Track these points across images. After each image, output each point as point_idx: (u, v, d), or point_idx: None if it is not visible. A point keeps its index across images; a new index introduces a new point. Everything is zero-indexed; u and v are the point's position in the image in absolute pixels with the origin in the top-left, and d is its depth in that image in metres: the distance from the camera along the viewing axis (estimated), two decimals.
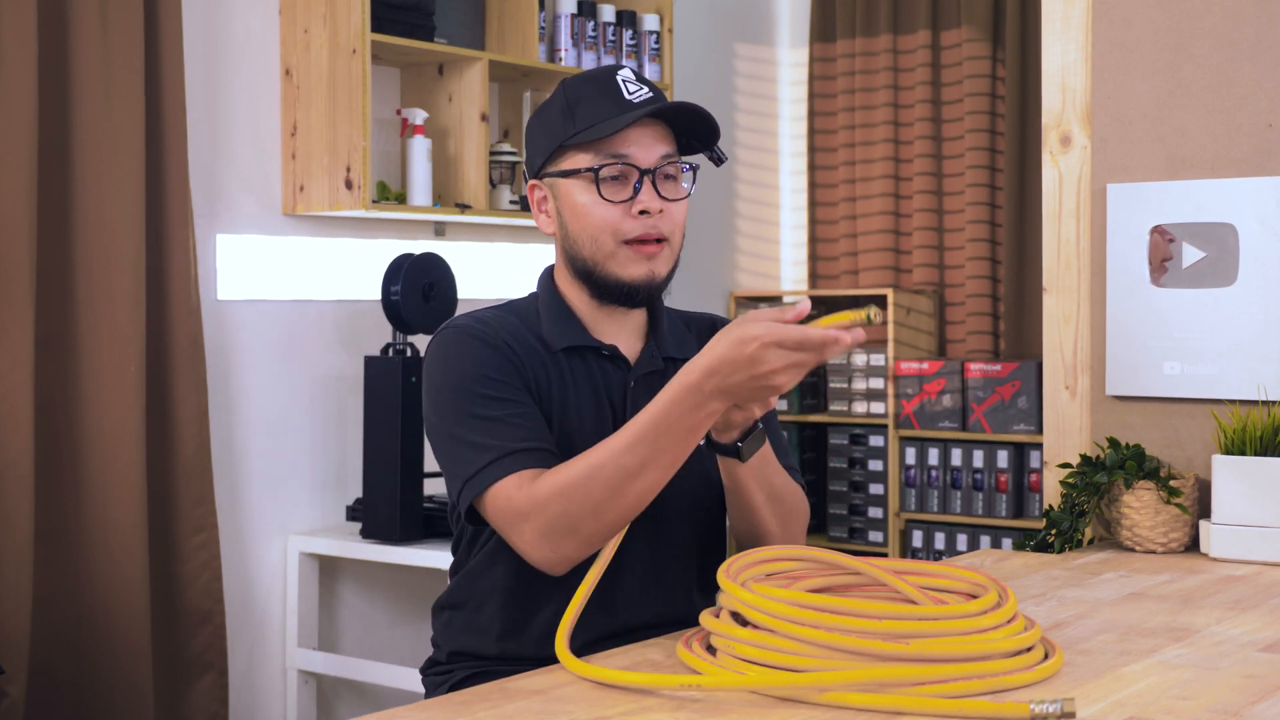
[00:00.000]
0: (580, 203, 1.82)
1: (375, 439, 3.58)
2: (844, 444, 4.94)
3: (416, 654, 3.96)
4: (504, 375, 1.78)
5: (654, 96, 1.83)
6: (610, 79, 1.83)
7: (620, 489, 1.66)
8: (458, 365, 1.79)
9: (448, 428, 1.78)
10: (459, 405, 1.77)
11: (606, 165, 1.80)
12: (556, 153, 1.84)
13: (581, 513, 1.67)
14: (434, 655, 1.94)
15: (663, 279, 1.84)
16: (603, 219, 1.81)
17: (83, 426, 3.22)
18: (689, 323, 1.99)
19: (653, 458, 1.65)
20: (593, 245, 1.82)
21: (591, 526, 1.68)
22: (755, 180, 5.26)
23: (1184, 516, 2.31)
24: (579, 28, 4.24)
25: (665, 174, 1.83)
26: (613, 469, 1.65)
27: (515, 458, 1.73)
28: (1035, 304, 4.62)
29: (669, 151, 1.83)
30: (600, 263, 1.82)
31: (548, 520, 1.68)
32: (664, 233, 1.82)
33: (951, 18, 4.93)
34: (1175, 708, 1.39)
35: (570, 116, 1.82)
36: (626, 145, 1.80)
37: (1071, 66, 2.51)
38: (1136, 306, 2.41)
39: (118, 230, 3.24)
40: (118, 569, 3.22)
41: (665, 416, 1.63)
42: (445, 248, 4.06)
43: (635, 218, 1.80)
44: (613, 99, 1.81)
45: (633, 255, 1.81)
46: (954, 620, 1.46)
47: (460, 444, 1.76)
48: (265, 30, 3.71)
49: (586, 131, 1.80)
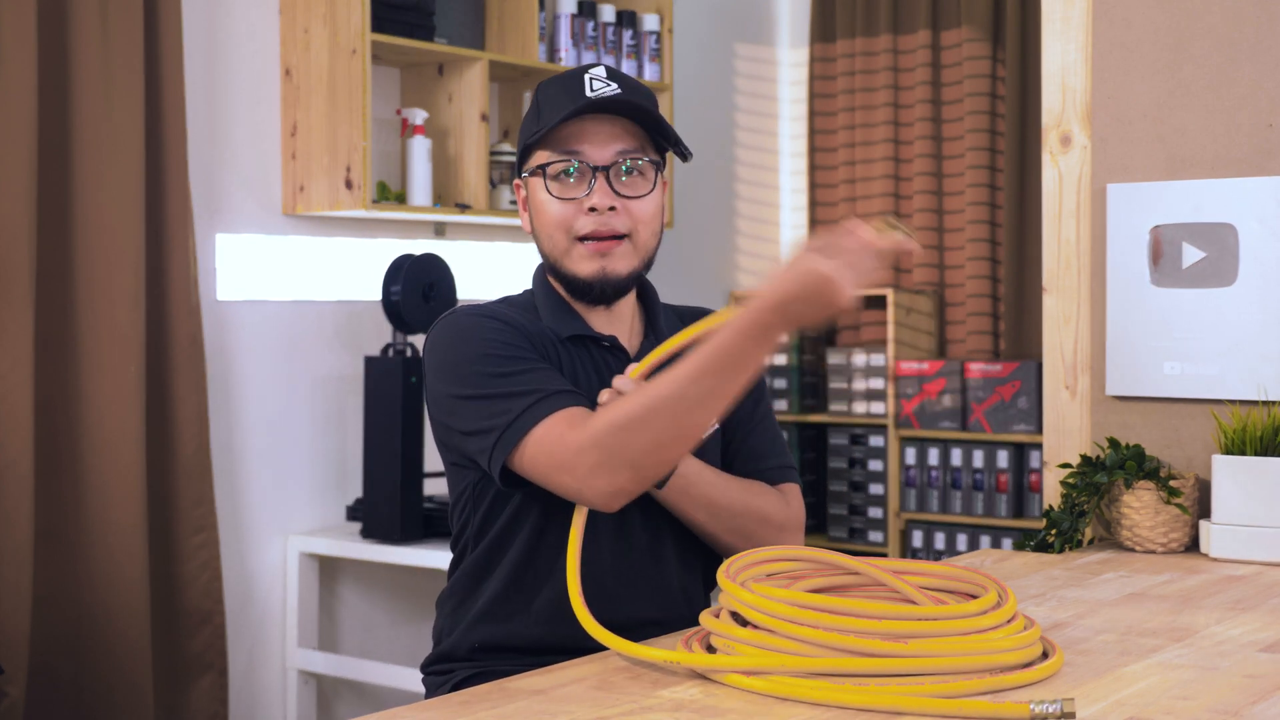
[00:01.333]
0: (539, 200, 1.84)
1: (375, 439, 3.58)
2: (844, 444, 4.94)
3: (416, 654, 3.96)
4: (520, 350, 1.78)
5: (621, 93, 1.81)
6: (577, 77, 1.83)
7: (682, 420, 1.64)
8: (475, 338, 1.79)
9: (471, 391, 1.76)
10: (481, 371, 1.76)
11: (555, 162, 1.81)
12: (525, 151, 1.86)
13: (643, 444, 1.65)
14: (435, 652, 1.94)
15: (623, 276, 1.84)
16: (555, 216, 1.83)
17: (83, 426, 3.22)
18: (683, 317, 1.99)
19: (716, 388, 1.63)
20: (549, 242, 1.85)
21: (651, 458, 1.67)
22: (755, 180, 5.26)
23: (1184, 516, 2.31)
24: (579, 28, 4.24)
25: (625, 169, 1.82)
26: (676, 400, 1.63)
27: (557, 398, 1.72)
28: (1035, 304, 4.62)
29: (627, 147, 1.82)
30: (558, 259, 1.84)
31: (606, 453, 1.66)
32: (619, 229, 1.82)
33: (951, 18, 4.93)
34: (1175, 708, 1.39)
35: (537, 115, 1.84)
36: (580, 142, 1.81)
37: (1071, 66, 2.51)
38: (1136, 306, 2.41)
39: (118, 230, 3.24)
40: (118, 569, 3.22)
41: (730, 348, 1.61)
42: (445, 248, 4.07)
43: (587, 214, 1.81)
44: (572, 97, 1.80)
45: (585, 252, 1.82)
46: (954, 620, 1.46)
47: (491, 400, 1.74)
48: (265, 30, 3.71)
49: (544, 130, 1.81)
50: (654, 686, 1.47)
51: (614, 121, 1.82)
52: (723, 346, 1.62)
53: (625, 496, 1.70)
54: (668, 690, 1.45)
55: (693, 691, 1.44)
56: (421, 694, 1.99)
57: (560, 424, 1.70)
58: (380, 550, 3.58)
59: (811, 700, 1.39)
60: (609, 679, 1.50)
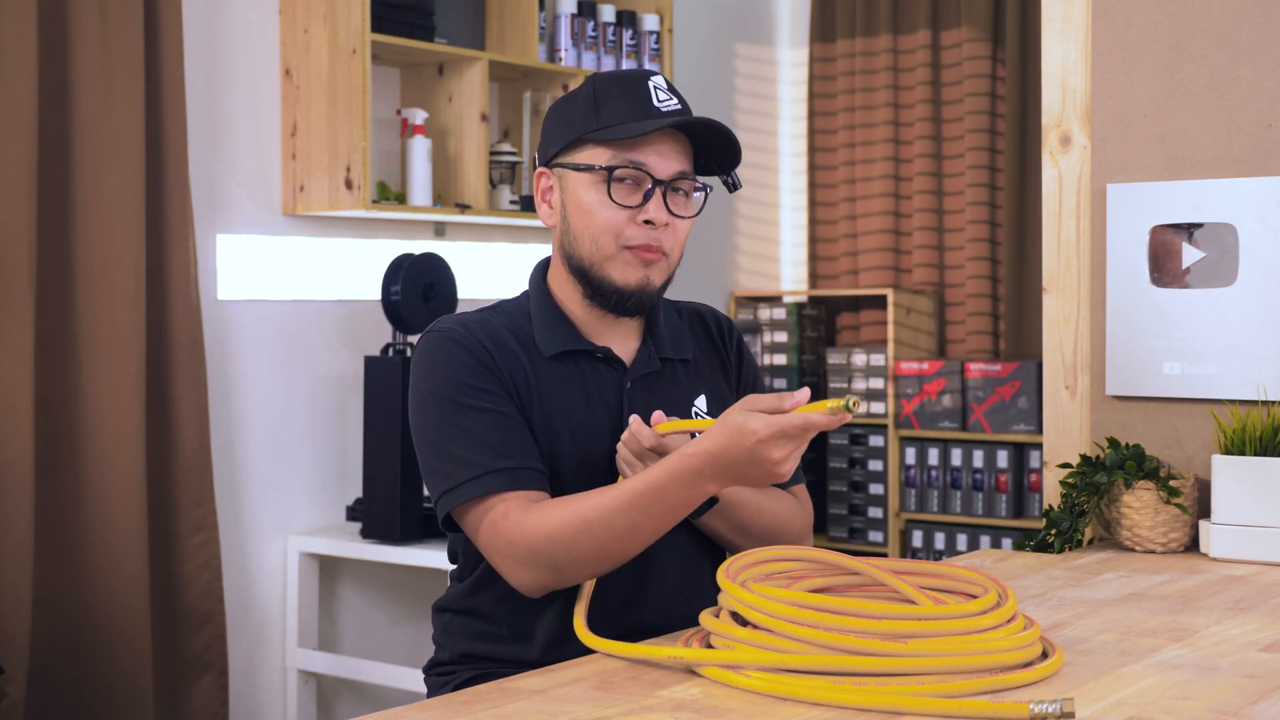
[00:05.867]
0: (587, 200, 1.80)
1: (375, 439, 3.58)
2: (844, 444, 4.94)
3: (416, 654, 3.96)
4: (483, 382, 1.77)
5: (681, 109, 1.82)
6: (642, 82, 1.81)
7: (608, 547, 1.68)
8: (437, 371, 1.78)
9: (427, 435, 1.78)
10: (439, 412, 1.76)
11: (622, 168, 1.78)
12: (574, 144, 1.82)
13: (568, 558, 1.69)
14: (436, 655, 1.93)
15: (656, 290, 1.83)
16: (607, 221, 1.79)
17: (83, 426, 3.22)
18: (680, 312, 1.98)
19: (642, 524, 1.67)
20: (593, 245, 1.81)
21: (574, 570, 1.71)
22: (755, 180, 5.26)
23: (1184, 516, 2.31)
24: (579, 28, 4.24)
25: (677, 189, 1.82)
26: (601, 528, 1.67)
27: (496, 477, 1.72)
28: (1035, 304, 4.62)
29: (685, 169, 1.82)
30: (598, 264, 1.81)
31: (532, 554, 1.70)
32: (665, 247, 1.81)
33: (951, 18, 4.93)
34: (1175, 708, 1.39)
35: (595, 111, 1.80)
36: (646, 153, 1.79)
37: (1071, 66, 2.51)
38: (1136, 306, 2.41)
39: (118, 230, 3.24)
40: (118, 569, 3.22)
41: (661, 489, 1.64)
42: (445, 248, 4.07)
43: (640, 226, 1.79)
44: (641, 104, 1.79)
45: (631, 260, 1.80)
46: (954, 620, 1.46)
47: (440, 454, 1.76)
48: (265, 30, 3.71)
49: (610, 130, 1.78)
50: (654, 686, 1.47)
51: (677, 139, 1.82)
52: (652, 486, 1.65)
53: (546, 590, 1.74)
54: (668, 690, 1.45)
55: (693, 691, 1.44)
56: (423, 693, 1.99)
57: (496, 511, 1.72)
58: (380, 550, 3.58)
59: (811, 700, 1.39)
60: (609, 679, 1.50)
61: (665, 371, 1.88)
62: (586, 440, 1.80)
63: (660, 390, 1.86)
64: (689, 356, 1.92)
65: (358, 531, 3.71)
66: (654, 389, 1.86)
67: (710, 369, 1.95)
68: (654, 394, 1.85)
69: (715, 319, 2.00)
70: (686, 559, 1.88)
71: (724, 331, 1.99)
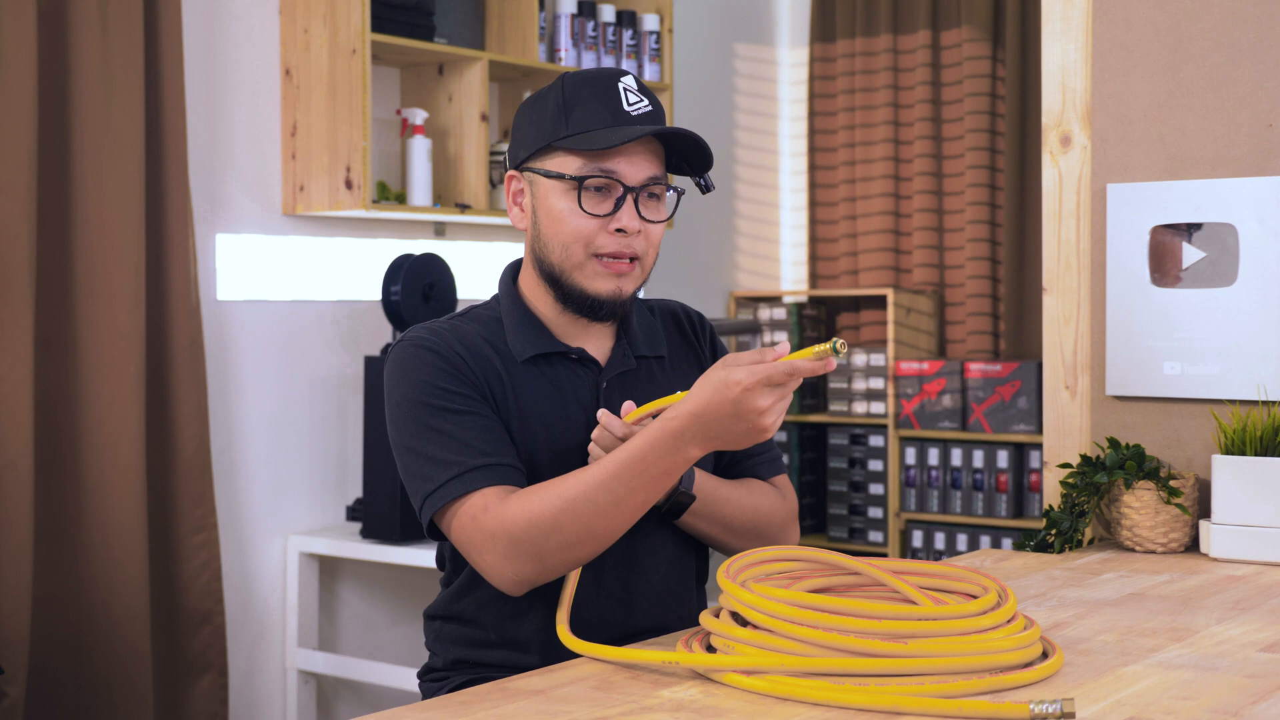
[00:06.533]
0: (558, 208, 1.78)
1: (375, 439, 3.58)
2: (844, 444, 4.94)
3: (416, 654, 3.96)
4: (457, 386, 1.75)
5: (653, 110, 1.79)
6: (612, 85, 1.78)
7: (592, 525, 1.65)
8: (411, 378, 1.76)
9: (405, 442, 1.76)
10: (415, 418, 1.75)
11: (592, 177, 1.76)
12: (544, 150, 1.79)
13: (551, 544, 1.66)
14: (430, 661, 1.93)
15: (628, 296, 1.81)
16: (577, 229, 1.77)
17: (83, 426, 3.22)
18: (653, 309, 1.97)
19: (625, 497, 1.64)
20: (563, 253, 1.78)
21: (558, 557, 1.68)
22: (755, 180, 5.26)
23: (1184, 516, 2.31)
24: (579, 28, 4.24)
25: (649, 194, 1.80)
26: (584, 505, 1.64)
27: (476, 474, 1.71)
28: (1035, 304, 4.62)
29: (656, 173, 1.80)
30: (568, 272, 1.79)
31: (514, 545, 1.67)
32: (637, 252, 1.79)
33: (951, 18, 4.93)
34: (1175, 708, 1.39)
35: (564, 116, 1.78)
36: (616, 161, 1.76)
37: (1071, 66, 2.51)
38: (1136, 306, 2.41)
39: (118, 230, 3.24)
40: (118, 569, 3.22)
41: (643, 458, 1.63)
42: (445, 248, 4.07)
43: (611, 234, 1.77)
44: (611, 109, 1.77)
45: (601, 270, 1.78)
46: (954, 620, 1.46)
47: (419, 459, 1.74)
48: (265, 30, 3.71)
49: (579, 138, 1.76)
50: (654, 686, 1.47)
51: (648, 142, 1.79)
52: (634, 456, 1.63)
53: (528, 585, 1.71)
54: (668, 690, 1.45)
55: (693, 691, 1.44)
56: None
57: (476, 505, 1.70)
58: (380, 550, 3.58)
59: (811, 700, 1.39)
60: (609, 679, 1.50)
61: (641, 369, 1.88)
62: (564, 442, 1.79)
63: (636, 388, 1.86)
64: (663, 353, 1.91)
65: (358, 532, 3.71)
66: (630, 387, 1.85)
67: (685, 364, 1.94)
68: (630, 392, 1.84)
69: (687, 314, 2.00)
70: (672, 560, 1.87)
71: (696, 326, 1.98)
